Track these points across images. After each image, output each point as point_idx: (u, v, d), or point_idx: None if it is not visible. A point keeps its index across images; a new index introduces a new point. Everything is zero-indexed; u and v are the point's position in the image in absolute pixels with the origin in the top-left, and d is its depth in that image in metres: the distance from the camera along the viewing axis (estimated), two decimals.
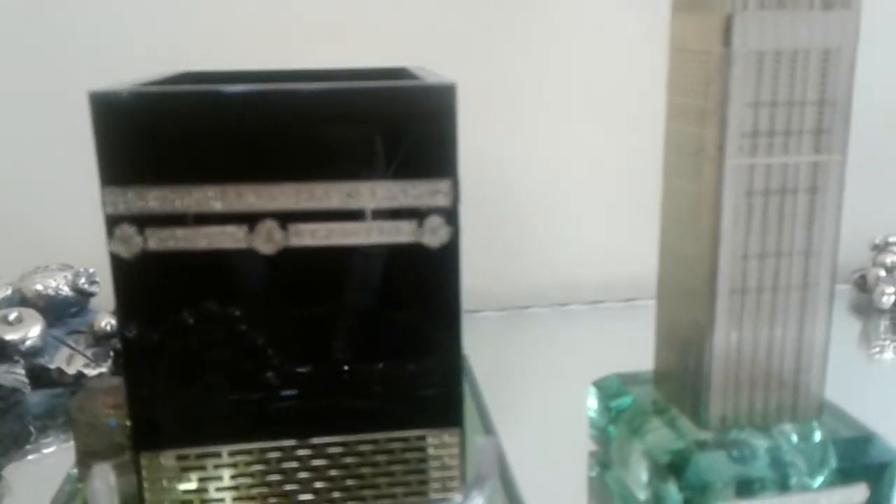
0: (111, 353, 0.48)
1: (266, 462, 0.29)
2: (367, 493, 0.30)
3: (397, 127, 0.27)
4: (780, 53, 0.30)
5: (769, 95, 0.30)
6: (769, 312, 0.33)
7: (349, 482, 0.30)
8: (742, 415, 0.34)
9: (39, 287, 0.49)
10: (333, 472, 0.30)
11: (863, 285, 0.64)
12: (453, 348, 0.29)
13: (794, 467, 0.33)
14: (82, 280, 0.50)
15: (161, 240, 0.27)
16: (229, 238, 0.27)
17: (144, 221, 0.27)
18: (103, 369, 0.47)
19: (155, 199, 0.27)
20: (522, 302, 0.61)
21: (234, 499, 0.29)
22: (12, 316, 0.46)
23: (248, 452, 0.29)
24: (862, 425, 0.35)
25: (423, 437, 0.30)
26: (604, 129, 0.60)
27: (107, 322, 0.48)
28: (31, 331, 0.46)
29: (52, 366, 0.46)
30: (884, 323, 0.60)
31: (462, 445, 0.30)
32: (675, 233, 0.35)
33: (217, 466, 0.29)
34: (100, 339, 0.48)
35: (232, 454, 0.29)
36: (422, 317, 0.29)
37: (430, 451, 0.30)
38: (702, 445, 0.33)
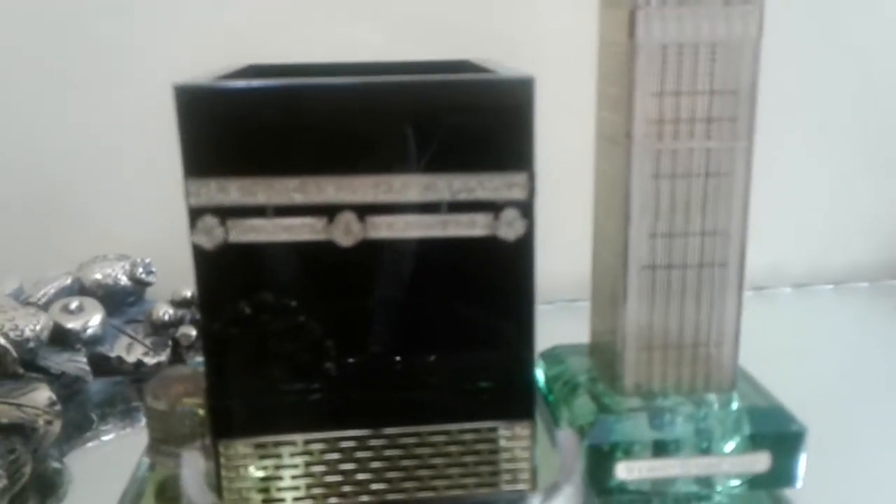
0: (169, 343, 0.49)
1: (340, 451, 0.30)
2: (438, 483, 0.30)
3: (476, 120, 0.27)
4: (683, 46, 0.32)
5: (673, 85, 0.32)
6: (679, 288, 0.34)
7: (421, 472, 0.30)
8: (656, 383, 0.36)
9: (98, 276, 0.50)
10: (406, 462, 0.30)
11: None
12: (526, 341, 0.29)
13: (708, 432, 0.35)
14: (139, 270, 0.51)
15: (242, 231, 0.27)
16: (308, 230, 0.27)
17: (226, 213, 0.27)
18: (162, 358, 0.48)
19: (237, 191, 0.27)
20: None
21: (308, 486, 0.30)
22: (74, 305, 0.47)
23: (323, 441, 0.29)
24: (774, 398, 0.37)
25: (494, 429, 0.30)
26: None
27: (164, 312, 0.49)
28: (92, 319, 0.47)
29: (112, 354, 0.47)
30: None
31: (533, 437, 0.30)
32: (601, 212, 0.37)
33: (293, 454, 0.29)
34: (158, 328, 0.49)
35: (307, 443, 0.29)
36: (496, 309, 0.29)
37: (502, 442, 0.30)
38: (615, 410, 0.35)
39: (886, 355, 0.55)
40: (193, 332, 0.49)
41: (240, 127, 0.27)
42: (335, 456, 0.30)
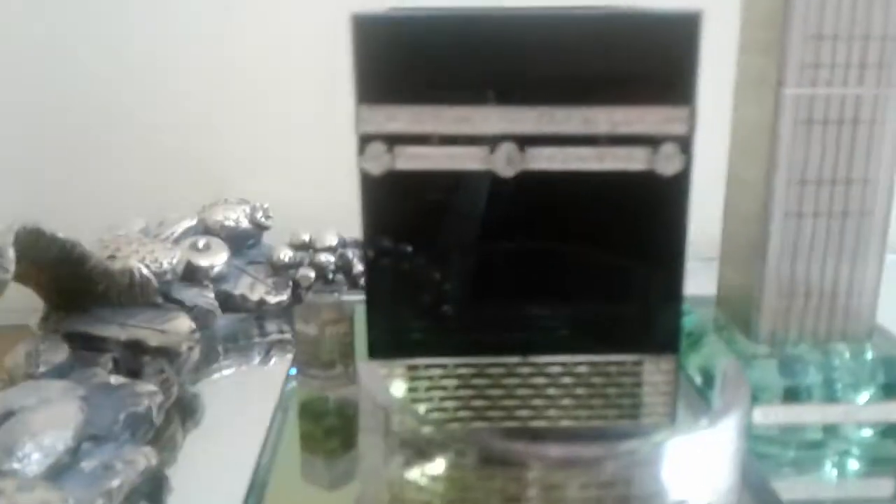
0: (290, 283, 0.50)
1: (488, 377, 0.31)
2: (580, 413, 0.31)
3: (641, 54, 0.28)
4: None
5: (831, 28, 0.32)
6: (823, 237, 0.34)
7: (565, 402, 0.31)
8: (793, 332, 0.36)
9: (220, 218, 0.52)
10: (551, 391, 0.31)
11: None
12: (676, 276, 0.30)
13: (842, 380, 0.34)
14: (259, 214, 0.52)
15: (408, 158, 0.28)
16: (471, 159, 0.28)
17: (394, 140, 0.28)
18: (283, 297, 0.49)
19: (405, 119, 0.28)
20: None
21: (456, 409, 0.31)
22: (202, 243, 0.49)
23: (473, 366, 0.31)
24: None
25: (639, 363, 0.31)
26: None
27: (284, 254, 0.51)
28: (218, 258, 0.49)
29: (237, 292, 0.49)
30: None
31: (676, 372, 0.31)
32: (739, 160, 0.37)
33: (443, 377, 0.31)
34: (278, 269, 0.51)
35: (457, 366, 0.30)
36: (649, 244, 0.29)
37: (646, 376, 0.31)
38: (751, 356, 0.35)
39: None
40: (312, 274, 0.50)
41: (412, 56, 0.27)
42: (483, 381, 0.31)
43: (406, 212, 0.29)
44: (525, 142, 0.28)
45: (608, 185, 0.29)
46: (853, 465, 0.35)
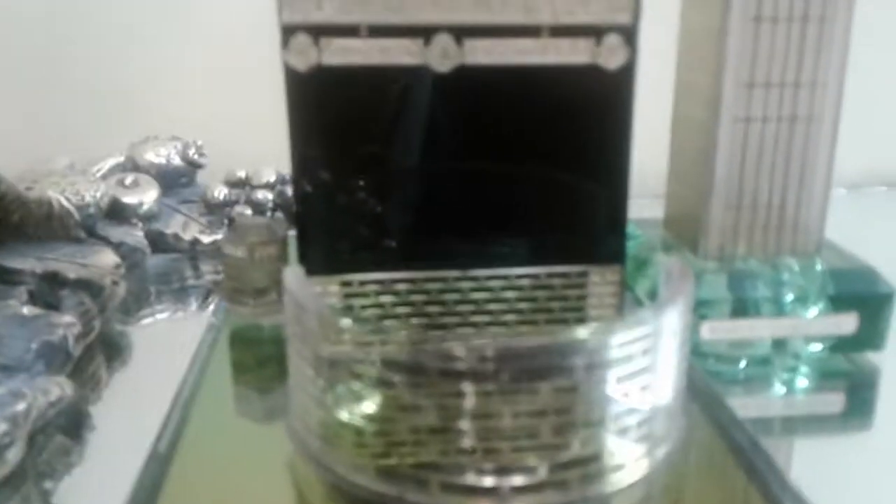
0: (225, 222, 0.48)
1: (426, 292, 0.29)
2: (524, 329, 0.30)
3: None
4: None
5: None
6: (771, 143, 0.33)
7: (507, 317, 0.30)
8: (741, 246, 0.35)
9: (151, 156, 0.49)
10: (493, 307, 0.29)
11: None
12: (620, 181, 0.28)
13: (791, 294, 0.34)
14: (192, 151, 0.50)
15: (336, 52, 0.26)
16: (404, 52, 0.26)
17: (320, 31, 0.26)
18: (218, 237, 0.47)
19: (331, 7, 0.26)
20: None
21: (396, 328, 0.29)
22: (129, 180, 0.46)
23: (410, 282, 0.29)
24: (862, 261, 0.36)
25: (584, 273, 0.29)
26: None
27: (219, 191, 0.48)
28: (147, 195, 0.46)
29: (169, 231, 0.47)
30: None
31: (622, 283, 0.30)
32: (687, 66, 0.36)
33: (379, 293, 0.29)
34: (212, 208, 0.48)
35: (394, 282, 0.29)
36: (593, 147, 0.28)
37: (591, 287, 0.30)
38: (700, 272, 0.34)
39: None
40: (249, 212, 0.48)
41: None
42: (422, 297, 0.29)
43: (336, 113, 0.27)
44: (462, 33, 0.26)
45: (551, 82, 0.27)
46: (802, 381, 0.35)
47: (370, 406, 0.21)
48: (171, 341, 0.40)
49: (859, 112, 0.36)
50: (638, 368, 0.21)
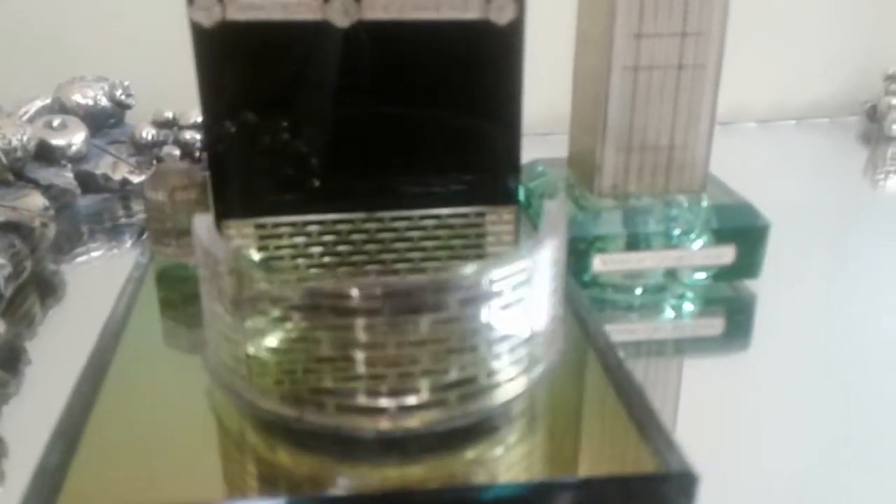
0: (153, 162, 0.49)
1: (336, 233, 0.31)
2: (428, 265, 0.32)
3: None
4: None
5: None
6: (658, 90, 0.36)
7: (412, 255, 0.32)
8: (632, 185, 0.38)
9: (78, 97, 0.50)
10: (398, 245, 0.32)
11: (873, 115, 0.66)
12: (513, 129, 0.31)
13: (678, 228, 0.37)
14: (119, 92, 0.51)
15: (239, 8, 0.28)
16: (305, 8, 0.28)
17: None
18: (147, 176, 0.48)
19: None
20: None
21: (307, 266, 0.32)
22: (56, 122, 0.47)
23: (320, 223, 0.31)
24: (742, 196, 0.39)
25: (482, 214, 0.32)
26: None
27: (147, 132, 0.49)
28: (76, 137, 0.47)
29: (98, 171, 0.48)
30: (891, 150, 0.62)
31: (517, 222, 0.32)
32: (586, 17, 0.38)
33: (293, 235, 0.31)
34: (141, 148, 0.49)
35: (305, 224, 0.31)
36: (486, 98, 0.30)
37: (488, 226, 0.32)
38: (592, 209, 0.37)
39: (843, 184, 0.58)
40: (177, 152, 0.49)
41: None
42: (332, 238, 0.31)
43: (242, 68, 0.29)
44: None
45: (446, 36, 0.29)
46: (688, 306, 0.38)
47: (273, 340, 0.24)
48: (104, 279, 0.42)
49: (730, 55, 0.38)
50: (510, 301, 0.24)
